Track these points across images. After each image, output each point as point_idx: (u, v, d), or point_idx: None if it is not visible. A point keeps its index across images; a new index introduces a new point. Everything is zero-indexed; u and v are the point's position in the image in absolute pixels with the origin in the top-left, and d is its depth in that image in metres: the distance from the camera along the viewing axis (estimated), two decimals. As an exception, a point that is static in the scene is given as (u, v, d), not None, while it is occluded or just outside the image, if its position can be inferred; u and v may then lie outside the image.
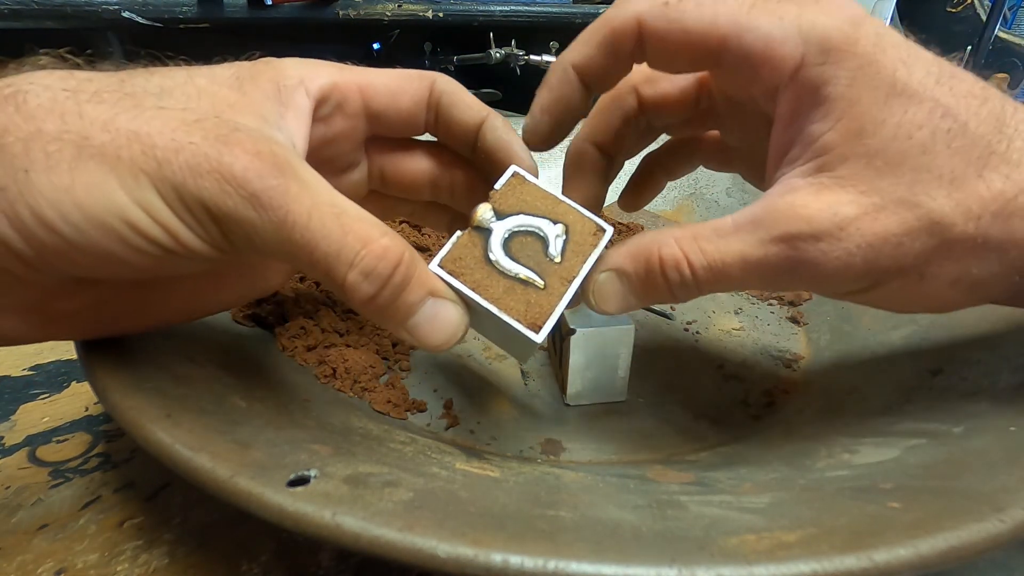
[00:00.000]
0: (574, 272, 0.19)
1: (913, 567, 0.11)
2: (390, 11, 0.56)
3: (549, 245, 0.19)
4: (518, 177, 0.20)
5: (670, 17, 0.18)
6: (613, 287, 0.19)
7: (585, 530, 0.13)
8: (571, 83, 0.20)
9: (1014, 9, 1.43)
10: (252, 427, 0.17)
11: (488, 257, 0.18)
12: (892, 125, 0.15)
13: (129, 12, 0.44)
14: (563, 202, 0.20)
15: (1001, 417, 0.18)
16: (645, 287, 0.18)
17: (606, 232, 0.19)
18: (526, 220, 0.19)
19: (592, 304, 0.19)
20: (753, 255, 0.17)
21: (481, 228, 0.19)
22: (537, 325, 0.18)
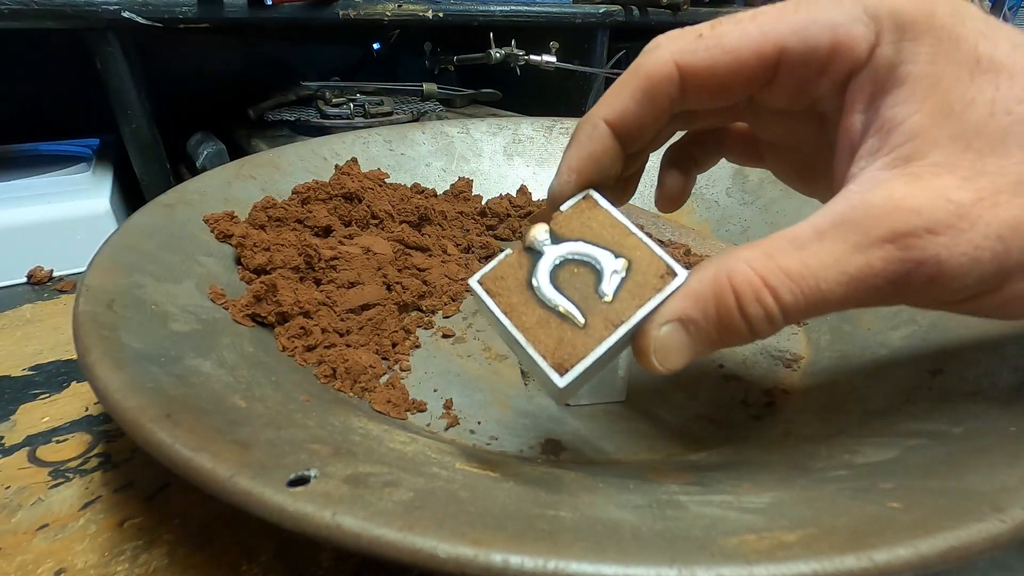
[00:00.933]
0: (624, 316, 0.16)
1: (913, 567, 0.11)
2: (390, 11, 0.56)
3: (603, 280, 0.16)
4: (590, 200, 0.18)
5: (709, 46, 0.16)
6: (678, 340, 0.15)
7: (585, 530, 0.13)
8: (603, 139, 0.18)
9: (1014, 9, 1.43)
10: (252, 427, 0.17)
11: (531, 282, 0.17)
12: (986, 102, 0.14)
13: (129, 12, 0.44)
14: (634, 235, 0.17)
15: (1001, 417, 0.18)
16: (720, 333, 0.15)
17: (677, 276, 0.16)
18: (584, 248, 0.17)
19: (654, 365, 0.15)
20: (853, 264, 0.14)
21: (532, 250, 0.17)
22: (563, 367, 0.15)
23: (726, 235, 0.43)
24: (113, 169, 0.48)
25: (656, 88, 0.17)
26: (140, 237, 0.28)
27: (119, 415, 0.16)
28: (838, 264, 0.14)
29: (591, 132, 0.18)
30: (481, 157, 0.49)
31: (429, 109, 0.66)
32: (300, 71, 0.74)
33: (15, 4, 0.40)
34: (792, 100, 0.17)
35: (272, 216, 0.33)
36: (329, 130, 0.56)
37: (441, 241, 0.38)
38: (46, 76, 0.62)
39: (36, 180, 0.43)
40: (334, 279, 0.30)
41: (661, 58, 0.16)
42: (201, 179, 0.36)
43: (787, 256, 0.14)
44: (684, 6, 0.77)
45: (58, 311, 0.33)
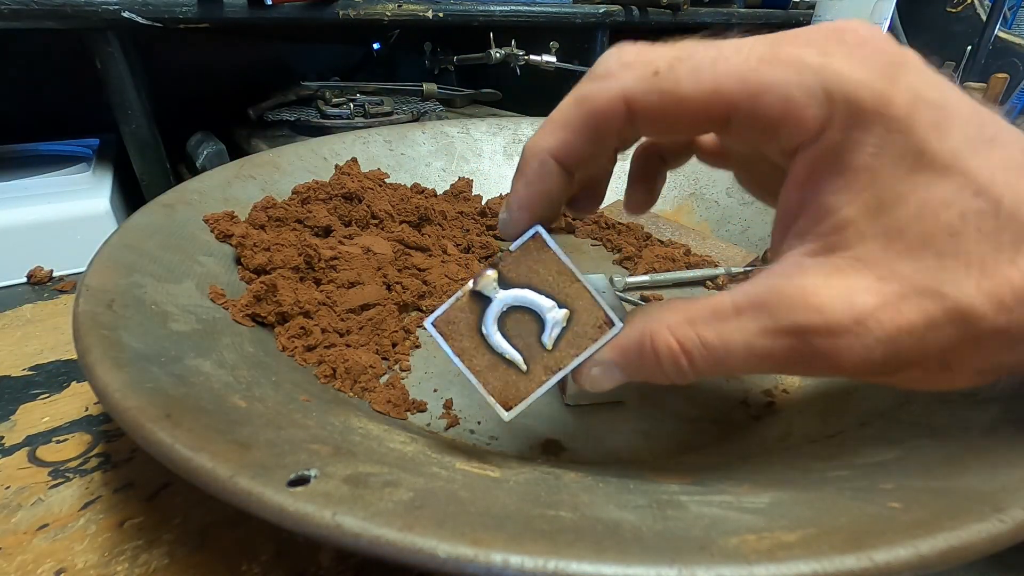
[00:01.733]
0: (561, 364, 0.18)
1: (913, 567, 0.11)
2: (390, 11, 0.56)
3: (545, 331, 0.18)
4: (538, 240, 0.18)
5: (663, 89, 0.15)
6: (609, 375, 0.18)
7: (585, 530, 0.13)
8: (551, 174, 0.18)
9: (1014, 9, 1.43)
10: (252, 427, 0.17)
11: (480, 329, 0.19)
12: (916, 202, 0.14)
13: (129, 12, 0.44)
14: (578, 282, 0.18)
15: (1001, 417, 0.18)
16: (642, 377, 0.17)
17: (612, 328, 0.18)
18: (530, 296, 0.18)
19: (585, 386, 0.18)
20: (758, 345, 0.15)
21: (481, 296, 0.19)
22: (508, 406, 0.19)
23: (726, 235, 0.43)
24: (113, 169, 0.48)
25: (602, 123, 0.17)
26: (140, 237, 0.28)
27: (119, 415, 0.16)
28: (746, 343, 0.15)
29: (539, 169, 0.18)
30: (481, 157, 0.49)
31: (429, 109, 0.66)
32: (300, 71, 0.75)
33: (15, 4, 0.40)
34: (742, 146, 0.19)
35: (272, 216, 0.33)
36: (329, 130, 0.56)
37: (441, 241, 0.38)
38: (46, 76, 0.62)
39: (36, 180, 0.43)
40: (334, 279, 0.30)
41: (610, 91, 0.16)
42: (201, 179, 0.36)
43: (706, 326, 0.16)
44: (684, 6, 0.77)
45: (58, 311, 0.33)
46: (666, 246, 0.41)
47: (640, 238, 0.42)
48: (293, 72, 0.74)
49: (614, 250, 0.42)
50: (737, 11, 0.90)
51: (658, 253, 0.39)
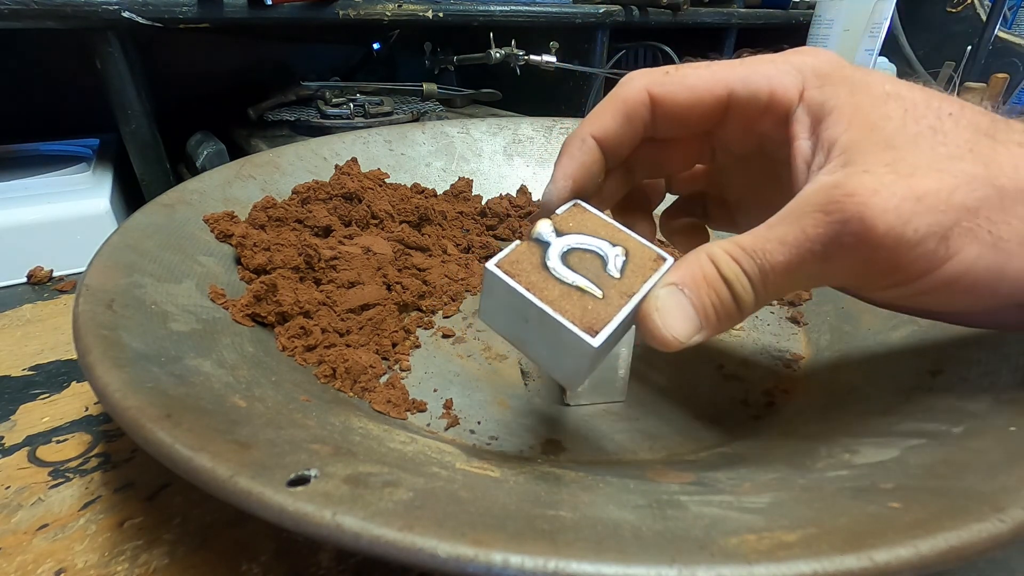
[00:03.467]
0: (634, 288, 0.18)
1: (913, 567, 0.11)
2: (390, 11, 0.56)
3: (608, 263, 0.18)
4: (579, 207, 0.20)
5: (675, 80, 0.20)
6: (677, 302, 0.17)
7: (585, 530, 0.13)
8: (592, 151, 0.20)
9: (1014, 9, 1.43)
10: (252, 427, 0.17)
11: (545, 263, 0.18)
12: (898, 117, 0.16)
13: (129, 12, 0.44)
14: (623, 231, 0.19)
15: (1001, 417, 0.18)
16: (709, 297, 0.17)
17: (666, 261, 0.19)
18: (585, 239, 0.19)
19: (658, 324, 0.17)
20: (790, 235, 0.16)
21: (540, 240, 0.19)
22: (594, 330, 0.16)
23: (726, 235, 0.43)
24: (113, 169, 0.48)
25: (632, 110, 0.20)
26: (140, 237, 0.28)
27: (119, 415, 0.16)
28: (779, 236, 0.16)
29: (581, 145, 0.20)
30: (481, 157, 0.49)
31: (429, 109, 0.66)
32: (300, 71, 0.74)
33: (15, 4, 0.40)
34: (744, 136, 0.21)
35: (272, 216, 0.33)
36: (329, 130, 0.56)
37: (441, 241, 0.38)
38: (46, 76, 0.62)
39: (36, 180, 0.43)
40: (334, 279, 0.30)
41: (636, 86, 0.20)
42: (201, 179, 0.36)
43: (744, 239, 0.17)
44: (684, 6, 0.77)
45: (58, 311, 0.33)
46: (667, 246, 0.41)
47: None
48: (293, 72, 0.74)
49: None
50: (737, 11, 0.90)
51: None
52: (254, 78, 0.73)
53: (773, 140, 0.20)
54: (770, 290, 0.17)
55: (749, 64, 0.19)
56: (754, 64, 0.19)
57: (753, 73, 0.19)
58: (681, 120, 0.20)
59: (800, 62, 0.19)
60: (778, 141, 0.19)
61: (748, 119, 0.20)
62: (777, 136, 0.19)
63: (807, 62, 0.19)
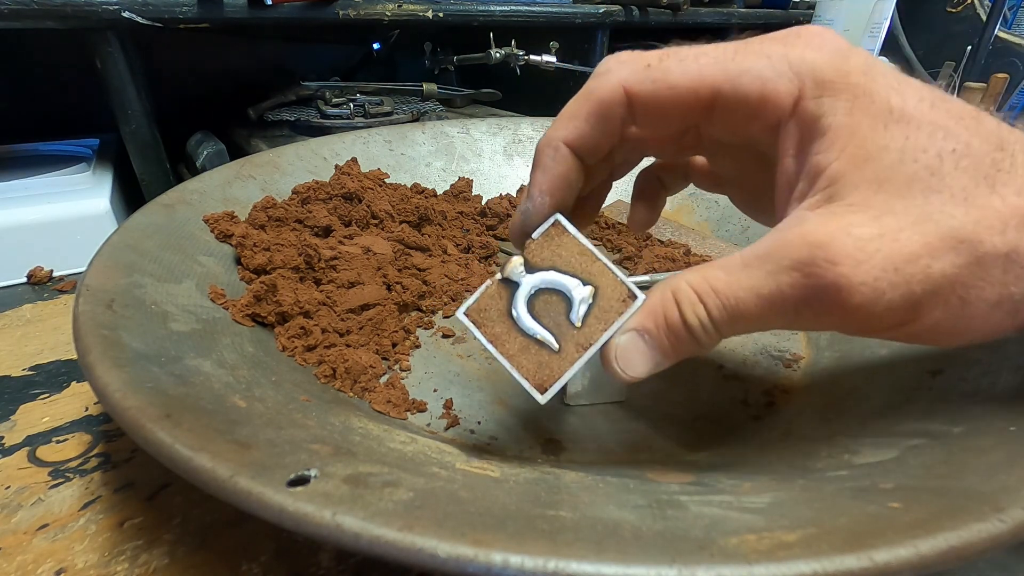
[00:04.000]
0: (592, 340, 0.18)
1: (913, 567, 0.11)
2: (390, 11, 0.56)
3: (572, 308, 0.19)
4: (558, 227, 0.20)
5: (655, 78, 0.18)
6: (636, 347, 0.18)
7: (585, 530, 0.13)
8: (567, 160, 0.19)
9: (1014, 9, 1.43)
10: (252, 427, 0.17)
11: (511, 312, 0.19)
12: (896, 150, 0.15)
13: (129, 12, 0.44)
14: (599, 261, 0.19)
15: (1001, 417, 0.18)
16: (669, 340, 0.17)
17: (636, 300, 0.18)
18: (555, 278, 0.19)
19: (617, 371, 0.18)
20: (765, 288, 0.16)
21: (509, 281, 0.19)
22: (543, 387, 0.18)
23: (726, 235, 0.43)
24: (113, 169, 0.48)
25: (607, 110, 0.19)
26: (140, 237, 0.28)
27: (119, 415, 0.16)
28: (754, 288, 0.16)
29: (554, 155, 0.19)
30: (481, 157, 0.49)
31: (429, 109, 0.66)
32: (300, 71, 0.74)
33: (15, 4, 0.40)
34: (731, 135, 0.19)
35: (272, 216, 0.33)
36: (329, 130, 0.56)
37: (441, 241, 0.38)
38: (46, 76, 0.62)
39: (36, 180, 0.43)
40: (334, 279, 0.30)
41: (610, 83, 0.18)
42: (201, 179, 0.36)
43: (717, 279, 0.17)
44: (684, 6, 0.77)
45: (58, 311, 0.33)
46: (666, 246, 0.41)
47: (640, 238, 0.42)
48: (293, 72, 0.74)
49: (614, 250, 0.42)
50: (737, 11, 0.90)
51: (658, 253, 0.39)
52: (254, 78, 0.73)
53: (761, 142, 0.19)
54: (734, 332, 0.17)
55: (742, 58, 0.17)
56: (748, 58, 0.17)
57: (744, 73, 0.17)
58: (661, 119, 0.19)
59: (799, 60, 0.16)
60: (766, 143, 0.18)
61: (735, 121, 0.18)
62: (765, 140, 0.18)
63: (807, 61, 0.16)
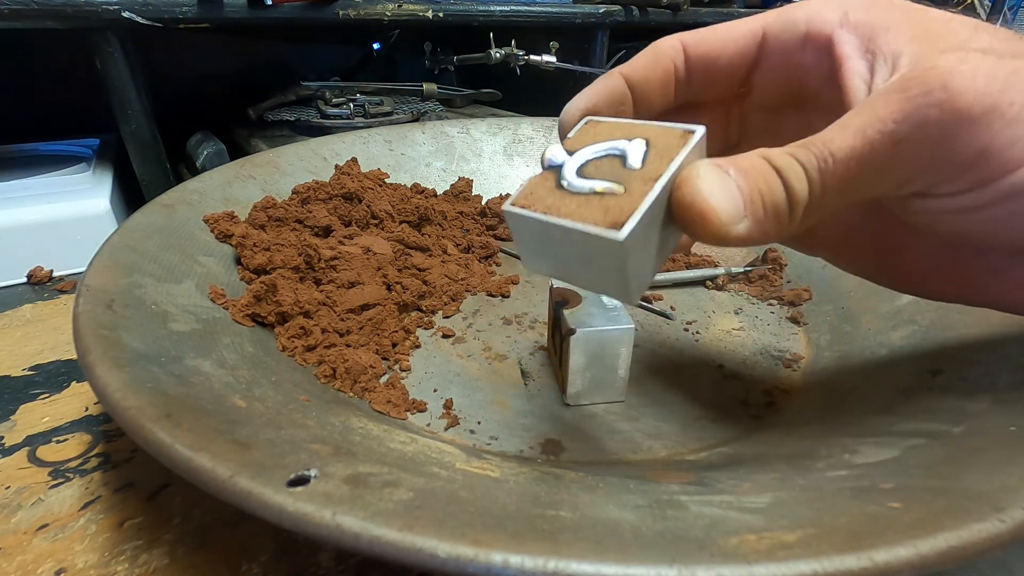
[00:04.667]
0: (660, 171, 0.15)
1: (913, 567, 0.11)
2: (390, 11, 0.56)
3: (628, 158, 0.16)
4: (591, 122, 0.18)
5: (705, 32, 0.20)
6: (719, 176, 0.15)
7: (585, 530, 0.13)
8: (615, 78, 0.20)
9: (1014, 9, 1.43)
10: (252, 427, 0.17)
11: (560, 184, 0.16)
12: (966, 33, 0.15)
13: (129, 12, 0.44)
14: (642, 124, 0.17)
15: (1001, 417, 0.18)
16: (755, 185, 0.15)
17: (696, 131, 0.16)
18: (600, 146, 0.17)
19: (697, 191, 0.14)
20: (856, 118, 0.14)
21: (552, 166, 0.17)
22: (618, 223, 0.14)
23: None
24: (113, 169, 0.48)
25: (662, 52, 0.20)
26: (140, 237, 0.28)
27: (119, 415, 0.16)
28: (843, 123, 0.14)
29: (605, 79, 0.20)
30: (481, 157, 0.49)
31: (429, 109, 0.66)
32: (300, 71, 0.74)
33: (15, 4, 0.40)
34: (781, 79, 0.20)
35: (272, 216, 0.33)
36: (329, 130, 0.56)
37: (441, 241, 0.38)
38: (46, 76, 0.62)
39: (36, 180, 0.43)
40: (334, 279, 0.30)
41: (668, 39, 0.20)
42: (201, 179, 0.36)
43: (807, 139, 0.15)
44: (684, 6, 0.77)
45: (58, 311, 0.33)
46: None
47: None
48: (293, 72, 0.74)
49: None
50: (737, 11, 0.90)
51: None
52: (254, 78, 0.73)
53: (815, 76, 0.18)
54: (829, 186, 0.14)
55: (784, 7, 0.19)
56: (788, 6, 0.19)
57: (788, 9, 0.18)
58: (714, 61, 0.19)
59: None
60: (821, 76, 0.18)
61: (785, 54, 0.19)
62: (819, 69, 0.18)
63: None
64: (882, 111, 0.14)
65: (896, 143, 0.14)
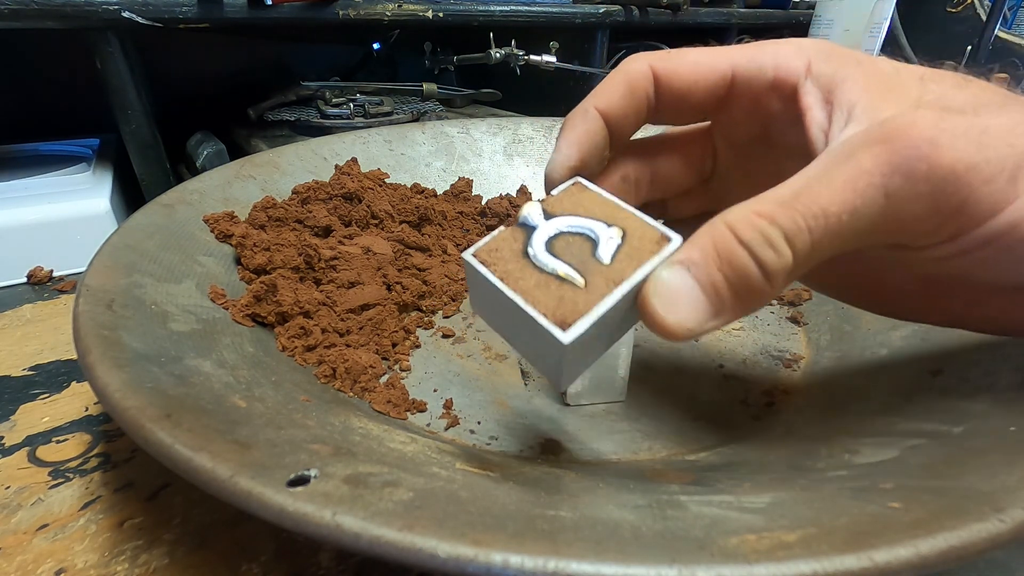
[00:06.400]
0: (624, 275, 0.15)
1: (913, 567, 0.11)
2: (390, 11, 0.56)
3: (599, 246, 0.16)
4: (579, 185, 0.18)
5: (676, 59, 0.20)
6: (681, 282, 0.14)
7: (585, 530, 0.13)
8: (596, 121, 0.20)
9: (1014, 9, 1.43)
10: (252, 427, 0.17)
11: (527, 251, 0.16)
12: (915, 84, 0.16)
13: (129, 12, 0.44)
14: (625, 209, 0.17)
15: (1001, 417, 0.18)
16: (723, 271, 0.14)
17: (671, 241, 0.16)
18: (577, 221, 0.17)
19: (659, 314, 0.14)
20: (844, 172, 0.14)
21: (525, 225, 0.17)
22: (566, 323, 0.14)
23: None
24: (113, 169, 0.48)
25: (635, 83, 0.19)
26: (140, 237, 0.28)
27: (119, 415, 0.16)
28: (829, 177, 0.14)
29: (584, 116, 0.20)
30: (481, 157, 0.49)
31: (429, 109, 0.66)
32: (300, 71, 0.74)
33: (15, 4, 0.40)
34: (749, 118, 0.20)
35: (272, 216, 0.33)
36: (329, 130, 0.56)
37: (441, 241, 0.38)
38: (46, 76, 0.62)
39: (36, 180, 0.43)
40: (334, 279, 0.30)
41: (638, 63, 0.20)
42: (201, 179, 0.36)
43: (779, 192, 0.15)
44: (684, 6, 0.77)
45: (58, 311, 0.33)
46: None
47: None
48: (293, 72, 0.74)
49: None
50: (737, 11, 0.90)
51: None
52: (254, 78, 0.73)
53: (780, 120, 0.19)
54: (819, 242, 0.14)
55: (752, 46, 0.19)
56: (757, 45, 0.19)
57: (757, 52, 0.19)
58: (684, 96, 0.20)
59: (801, 43, 0.19)
60: (786, 121, 0.19)
61: (753, 96, 0.19)
62: (785, 115, 0.19)
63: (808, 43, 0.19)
64: (868, 163, 0.14)
65: (887, 196, 0.14)
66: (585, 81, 0.76)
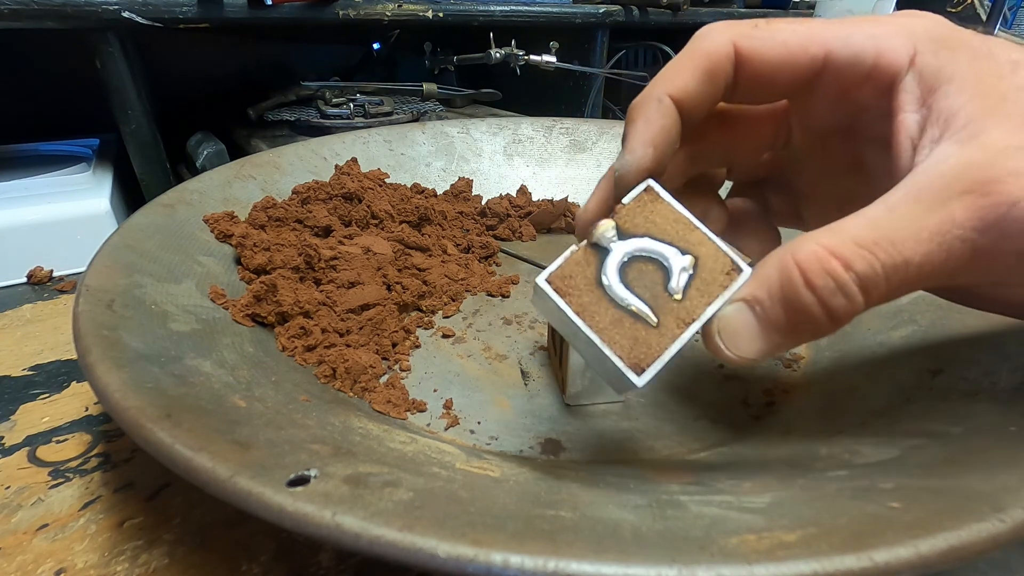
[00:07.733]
0: (694, 315, 0.16)
1: (913, 567, 0.11)
2: (390, 11, 0.56)
3: (671, 278, 0.16)
4: (651, 192, 0.18)
5: (764, 36, 0.17)
6: (744, 321, 0.15)
7: (585, 530, 0.13)
8: (670, 113, 0.18)
9: (1014, 9, 1.43)
10: (252, 427, 0.17)
11: (600, 280, 0.17)
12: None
13: (129, 12, 0.44)
14: (698, 229, 0.17)
15: (1001, 417, 0.18)
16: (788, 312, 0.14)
17: (742, 272, 0.16)
18: (651, 245, 0.17)
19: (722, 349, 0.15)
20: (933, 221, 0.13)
21: (599, 247, 0.17)
22: (640, 367, 0.16)
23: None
24: (113, 169, 0.48)
25: (716, 65, 0.17)
26: (140, 237, 0.28)
27: (119, 415, 0.16)
28: (916, 223, 0.13)
29: (658, 107, 0.17)
30: (481, 157, 0.49)
31: (429, 109, 0.66)
32: (300, 71, 0.74)
33: (15, 4, 0.40)
34: (835, 106, 0.18)
35: (272, 216, 0.33)
36: (329, 130, 0.56)
37: (441, 241, 0.38)
38: (46, 76, 0.62)
39: (36, 180, 0.43)
40: (334, 279, 0.30)
41: (720, 38, 0.17)
42: (201, 179, 0.36)
43: (857, 229, 0.14)
44: (684, 6, 0.77)
45: (58, 311, 0.33)
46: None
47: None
48: (293, 72, 0.74)
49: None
50: (737, 11, 0.90)
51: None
52: (254, 78, 0.73)
53: (869, 112, 0.17)
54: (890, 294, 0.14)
55: (850, 23, 0.17)
56: (856, 23, 0.17)
57: (856, 32, 0.16)
58: (768, 82, 0.18)
59: (910, 24, 0.16)
60: (875, 114, 0.17)
61: (844, 86, 0.17)
62: (875, 108, 0.17)
63: (918, 24, 0.16)
64: (959, 215, 0.13)
65: (975, 250, 0.13)
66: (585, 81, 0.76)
